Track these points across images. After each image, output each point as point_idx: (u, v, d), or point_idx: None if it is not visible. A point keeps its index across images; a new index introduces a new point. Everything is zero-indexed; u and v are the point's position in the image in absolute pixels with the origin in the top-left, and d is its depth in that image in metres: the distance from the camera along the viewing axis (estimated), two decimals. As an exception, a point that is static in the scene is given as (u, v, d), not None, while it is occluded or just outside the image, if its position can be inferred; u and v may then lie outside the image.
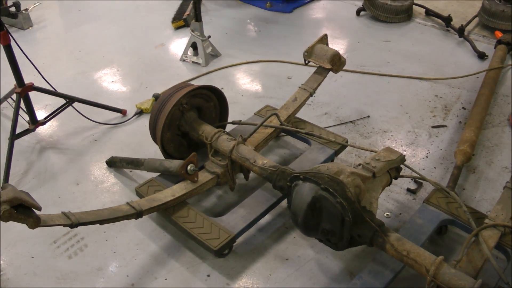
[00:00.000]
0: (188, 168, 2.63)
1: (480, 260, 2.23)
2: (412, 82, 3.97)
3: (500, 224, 2.38)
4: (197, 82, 4.00)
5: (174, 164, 2.69)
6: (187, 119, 2.87)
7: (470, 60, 4.27)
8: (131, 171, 3.10)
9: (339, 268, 2.52)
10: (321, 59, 3.14)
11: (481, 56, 4.25)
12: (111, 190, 2.98)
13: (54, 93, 3.30)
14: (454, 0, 5.46)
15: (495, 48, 4.26)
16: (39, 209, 1.95)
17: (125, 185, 3.01)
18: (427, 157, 3.21)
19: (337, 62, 3.14)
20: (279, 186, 2.49)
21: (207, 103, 2.97)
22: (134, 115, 3.60)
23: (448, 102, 3.72)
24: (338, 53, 3.13)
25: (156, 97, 3.73)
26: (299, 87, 3.17)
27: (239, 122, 3.07)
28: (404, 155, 2.49)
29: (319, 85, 3.17)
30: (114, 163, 3.09)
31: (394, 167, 2.54)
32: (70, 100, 3.33)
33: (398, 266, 2.33)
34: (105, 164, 3.15)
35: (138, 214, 2.41)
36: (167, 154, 2.91)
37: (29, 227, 1.93)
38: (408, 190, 2.96)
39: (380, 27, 4.94)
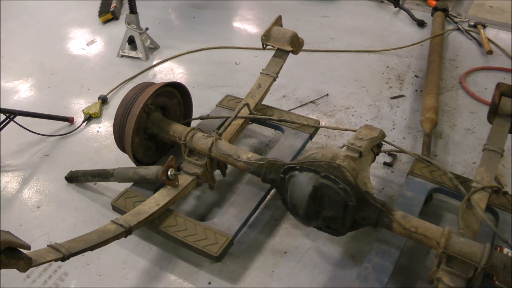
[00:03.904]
0: (169, 173, 2.45)
1: (476, 224, 2.26)
2: (360, 56, 3.99)
3: (488, 186, 2.43)
4: (141, 78, 3.79)
5: (151, 171, 2.49)
6: (154, 120, 2.67)
7: (410, 29, 4.38)
8: (95, 184, 2.85)
9: (339, 253, 2.47)
10: (280, 42, 3.04)
11: (421, 24, 4.37)
12: (78, 208, 2.72)
13: (-10, 109, 2.94)
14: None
15: (432, 15, 4.39)
16: (29, 248, 1.70)
17: (92, 200, 2.76)
18: (394, 128, 3.23)
19: (296, 43, 3.06)
20: (270, 179, 2.38)
21: (171, 100, 2.79)
22: (83, 121, 3.31)
23: (400, 72, 3.78)
24: (296, 33, 3.05)
25: (102, 99, 3.47)
26: (260, 73, 3.06)
27: (207, 117, 2.91)
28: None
29: (280, 68, 3.08)
30: (76, 178, 2.82)
31: (376, 144, 2.53)
32: (10, 115, 2.99)
33: (402, 243, 2.32)
34: (65, 181, 2.86)
35: (127, 231, 2.21)
36: (137, 161, 2.70)
37: (20, 271, 1.68)
38: (385, 163, 2.97)
39: (314, 3, 4.91)
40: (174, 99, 2.80)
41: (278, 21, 3.12)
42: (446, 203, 2.72)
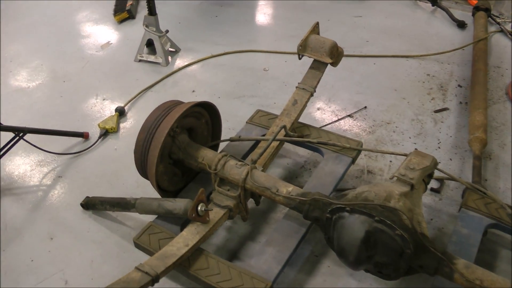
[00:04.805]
0: (199, 208, 2.17)
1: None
2: (398, 62, 3.67)
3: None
4: (162, 86, 3.50)
5: (179, 205, 2.22)
6: (180, 144, 2.39)
7: (450, 30, 4.05)
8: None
9: (388, 298, 2.22)
10: (319, 52, 2.73)
11: (461, 25, 4.04)
12: (95, 240, 2.46)
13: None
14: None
15: (473, 15, 4.05)
16: None
17: (112, 231, 2.50)
18: (439, 147, 2.94)
19: (335, 54, 2.76)
20: (314, 217, 2.11)
21: (198, 120, 2.50)
22: (99, 137, 3.04)
23: (442, 80, 3.46)
24: (336, 43, 2.75)
25: (120, 111, 3.19)
26: (296, 87, 2.75)
27: (238, 139, 2.63)
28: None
29: (318, 82, 2.78)
30: (93, 206, 2.56)
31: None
32: (20, 133, 2.72)
33: (460, 291, 2.08)
34: (80, 207, 2.60)
35: (154, 280, 1.94)
36: (162, 190, 2.43)
37: None
38: (432, 190, 2.69)
39: (345, 1, 4.58)
40: (201, 119, 2.52)
41: (316, 29, 2.81)
42: (501, 237, 2.45)
